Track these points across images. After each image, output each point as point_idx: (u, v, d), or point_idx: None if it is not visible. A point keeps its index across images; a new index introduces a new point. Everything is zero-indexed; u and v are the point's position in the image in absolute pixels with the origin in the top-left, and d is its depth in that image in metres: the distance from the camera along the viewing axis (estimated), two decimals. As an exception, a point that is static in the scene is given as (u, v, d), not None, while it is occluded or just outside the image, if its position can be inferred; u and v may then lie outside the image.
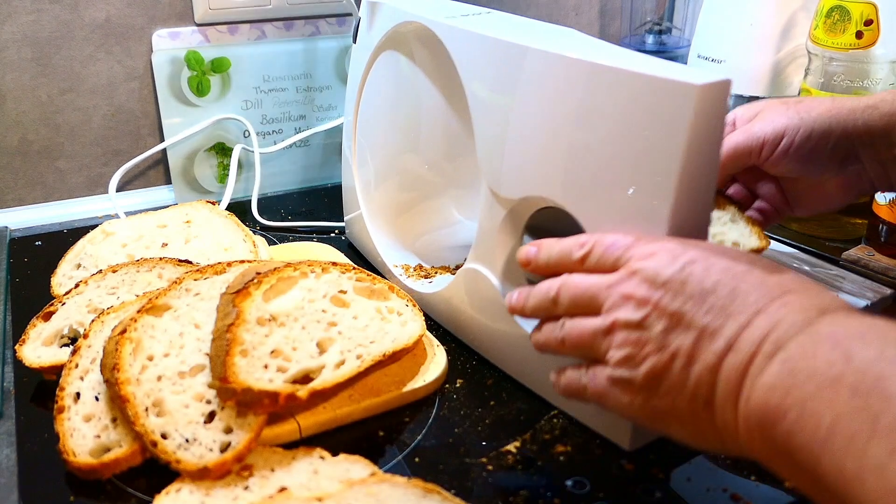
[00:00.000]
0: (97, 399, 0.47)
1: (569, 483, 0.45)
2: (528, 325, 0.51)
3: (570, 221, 0.46)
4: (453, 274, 0.63)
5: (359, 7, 0.68)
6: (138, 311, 0.49)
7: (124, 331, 0.47)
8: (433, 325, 0.61)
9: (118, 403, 0.45)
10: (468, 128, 0.53)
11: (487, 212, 0.53)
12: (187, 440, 0.44)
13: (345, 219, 0.75)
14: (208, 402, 0.46)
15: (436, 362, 0.54)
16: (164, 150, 0.85)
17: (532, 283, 0.52)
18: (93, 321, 0.52)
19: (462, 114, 0.65)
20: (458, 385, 0.54)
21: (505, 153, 0.50)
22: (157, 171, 0.87)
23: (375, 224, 0.70)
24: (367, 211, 0.70)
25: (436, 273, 0.65)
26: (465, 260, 0.56)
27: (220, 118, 0.84)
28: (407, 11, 0.61)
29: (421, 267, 0.67)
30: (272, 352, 0.47)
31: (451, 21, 0.55)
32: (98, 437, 0.45)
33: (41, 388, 0.53)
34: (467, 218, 0.73)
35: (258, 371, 0.46)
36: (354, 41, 0.68)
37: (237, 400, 0.44)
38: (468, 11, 0.58)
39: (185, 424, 0.44)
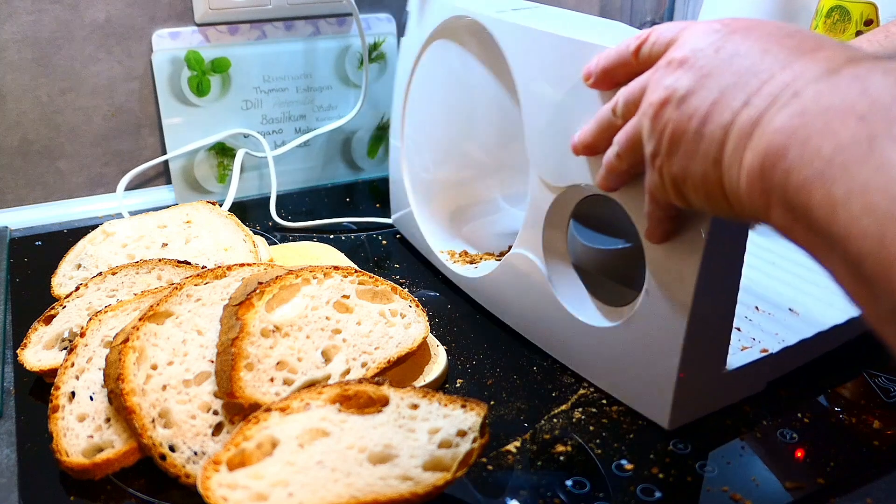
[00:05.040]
0: (91, 399, 0.47)
1: (569, 483, 0.45)
2: (576, 309, 0.53)
3: (616, 209, 0.48)
4: (498, 260, 0.64)
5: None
6: (140, 319, 0.49)
7: (126, 339, 0.47)
8: (444, 323, 0.61)
9: (124, 415, 0.45)
10: (515, 118, 0.55)
11: (535, 199, 0.55)
12: (196, 453, 0.44)
13: (391, 207, 0.77)
14: (215, 412, 0.46)
15: (436, 362, 0.54)
16: (164, 151, 0.85)
17: (578, 268, 0.55)
18: (90, 320, 0.52)
19: (509, 105, 0.66)
20: (458, 385, 0.54)
21: (554, 143, 0.51)
22: (157, 171, 0.87)
23: (422, 212, 0.72)
24: (415, 199, 0.72)
25: (481, 259, 0.67)
26: (510, 246, 0.57)
27: (234, 132, 0.84)
28: (457, 6, 0.62)
29: (466, 253, 0.69)
30: (278, 363, 0.47)
31: (502, 15, 0.56)
32: (91, 437, 0.45)
33: (41, 389, 0.53)
34: (513, 206, 0.75)
35: (265, 385, 0.46)
36: (402, 35, 0.71)
37: (245, 415, 0.44)
38: (517, 6, 0.59)
39: (193, 437, 0.44)
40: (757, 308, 0.60)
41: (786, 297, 0.61)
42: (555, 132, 0.51)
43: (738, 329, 0.57)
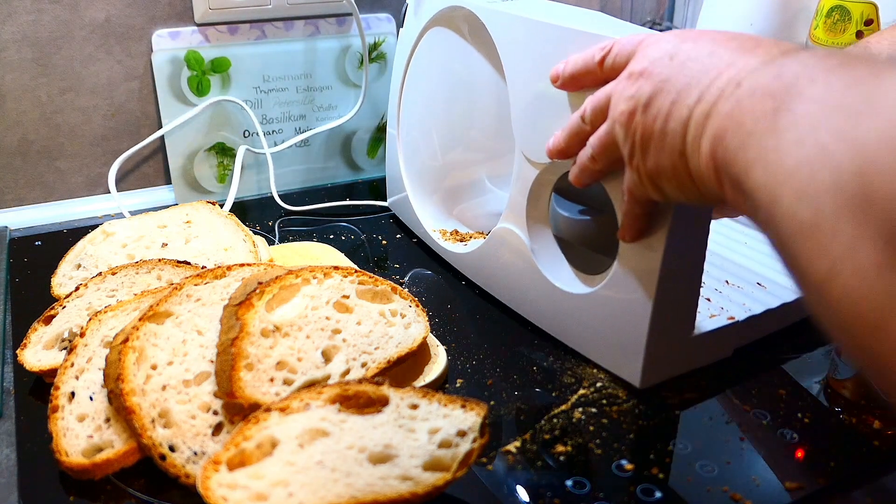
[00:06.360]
0: (91, 399, 0.47)
1: (569, 483, 0.45)
2: (556, 278, 0.57)
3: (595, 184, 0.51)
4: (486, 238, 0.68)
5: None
6: (140, 319, 0.48)
7: (126, 339, 0.47)
8: (444, 323, 0.61)
9: (124, 415, 0.45)
10: (505, 103, 0.59)
11: (519, 176, 0.59)
12: (195, 453, 0.44)
13: (387, 190, 0.81)
14: (215, 412, 0.46)
15: (436, 362, 0.54)
16: (164, 151, 0.85)
17: (560, 239, 0.60)
18: (89, 320, 0.51)
19: (497, 91, 0.70)
20: (458, 385, 0.54)
21: (537, 122, 0.55)
22: (157, 171, 0.87)
23: (417, 193, 0.76)
24: (409, 182, 0.76)
25: (471, 237, 0.72)
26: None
27: (221, 98, 0.84)
28: None
29: (457, 232, 0.73)
30: (278, 363, 0.47)
31: (493, 5, 0.60)
32: (91, 437, 0.45)
33: (41, 389, 0.53)
34: (502, 188, 0.78)
35: (265, 385, 0.46)
36: (401, 26, 0.74)
37: (245, 415, 0.44)
38: None
39: (193, 437, 0.44)
40: (727, 282, 0.64)
41: (754, 272, 0.66)
42: (538, 112, 0.55)
43: (709, 300, 0.61)
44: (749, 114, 0.32)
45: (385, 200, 0.83)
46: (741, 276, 0.65)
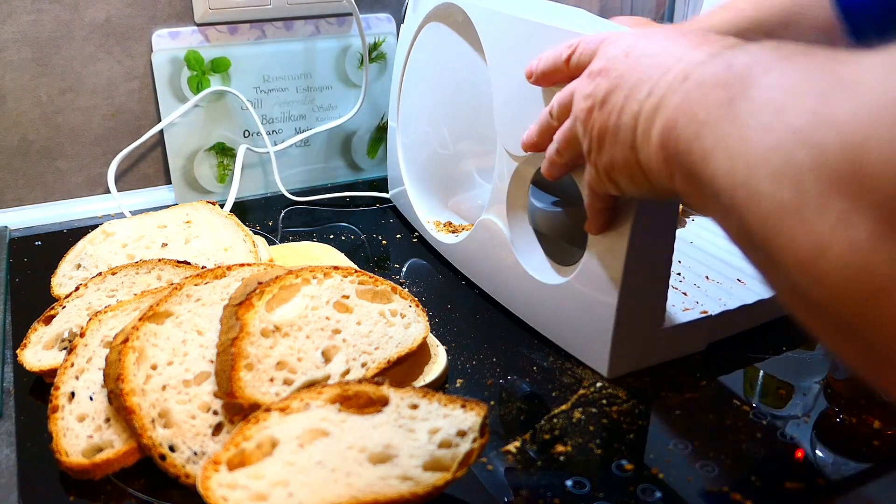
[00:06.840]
0: (91, 399, 0.47)
1: (569, 483, 0.45)
2: (532, 267, 0.59)
3: (568, 176, 0.52)
4: None
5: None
6: (140, 319, 0.48)
7: (126, 339, 0.47)
8: (444, 323, 0.61)
9: (123, 415, 0.45)
10: (491, 98, 0.61)
11: (500, 168, 0.60)
12: (195, 453, 0.44)
13: (389, 183, 0.84)
14: (215, 412, 0.46)
15: (436, 362, 0.54)
16: (164, 151, 0.85)
17: (540, 233, 0.62)
18: (89, 320, 0.51)
19: (487, 85, 0.70)
20: (458, 385, 0.54)
21: (516, 116, 0.57)
22: (157, 171, 0.87)
23: (413, 186, 0.78)
24: (407, 175, 0.79)
25: (463, 229, 0.73)
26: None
27: (221, 88, 0.84)
28: None
29: (450, 223, 0.75)
30: (278, 363, 0.47)
31: (481, 2, 0.62)
32: (91, 437, 0.45)
33: (41, 389, 0.53)
34: (489, 181, 0.79)
35: (265, 385, 0.46)
36: (402, 23, 0.77)
37: (245, 415, 0.44)
38: None
39: (193, 437, 0.44)
40: (707, 277, 0.65)
41: (736, 268, 0.66)
42: (516, 106, 0.57)
43: (685, 294, 0.62)
44: (701, 104, 0.33)
45: (382, 204, 0.83)
46: (722, 271, 0.66)
